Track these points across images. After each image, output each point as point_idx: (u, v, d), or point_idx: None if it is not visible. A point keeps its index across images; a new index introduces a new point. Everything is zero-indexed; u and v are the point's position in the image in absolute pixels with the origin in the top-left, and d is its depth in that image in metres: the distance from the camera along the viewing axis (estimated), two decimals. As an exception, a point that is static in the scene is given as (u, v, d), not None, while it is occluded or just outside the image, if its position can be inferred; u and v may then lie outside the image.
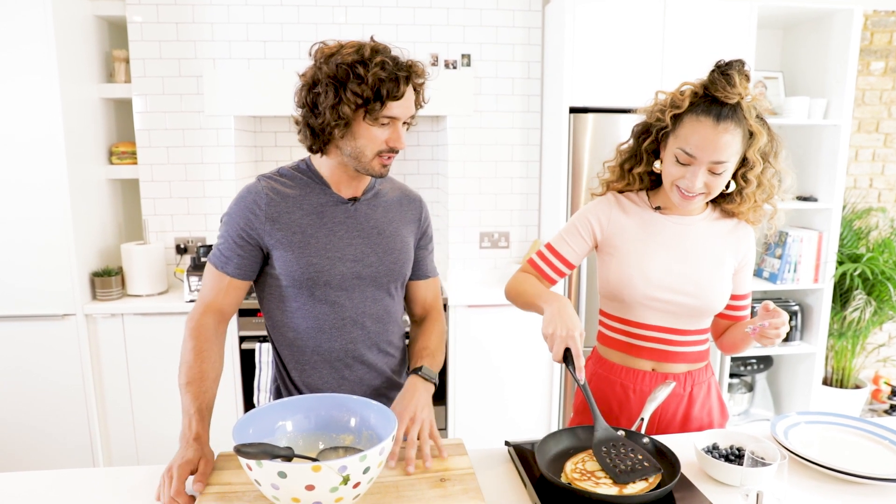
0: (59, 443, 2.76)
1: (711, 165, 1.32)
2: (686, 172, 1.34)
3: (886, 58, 3.42)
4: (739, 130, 1.30)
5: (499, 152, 3.17)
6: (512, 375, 2.97)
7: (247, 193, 1.35)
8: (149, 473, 1.23)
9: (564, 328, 1.25)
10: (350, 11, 2.99)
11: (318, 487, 0.94)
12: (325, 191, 1.38)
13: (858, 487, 1.20)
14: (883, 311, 3.19)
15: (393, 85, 1.24)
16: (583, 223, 1.51)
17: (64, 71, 2.56)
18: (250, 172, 3.16)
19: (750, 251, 1.49)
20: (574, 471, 1.17)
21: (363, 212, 1.41)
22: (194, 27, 2.91)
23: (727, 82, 1.30)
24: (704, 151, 1.30)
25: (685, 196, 1.37)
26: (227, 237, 1.34)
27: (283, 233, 1.33)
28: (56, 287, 2.65)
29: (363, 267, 1.38)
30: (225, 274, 1.35)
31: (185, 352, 1.30)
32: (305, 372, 1.42)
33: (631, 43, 2.81)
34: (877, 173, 3.53)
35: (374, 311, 1.42)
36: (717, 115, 1.29)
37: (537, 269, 1.53)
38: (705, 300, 1.43)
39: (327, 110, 1.25)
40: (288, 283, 1.36)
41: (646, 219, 1.48)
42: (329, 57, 1.25)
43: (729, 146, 1.30)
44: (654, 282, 1.43)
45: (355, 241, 1.38)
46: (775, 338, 1.32)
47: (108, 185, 2.96)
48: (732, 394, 3.30)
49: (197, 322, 1.33)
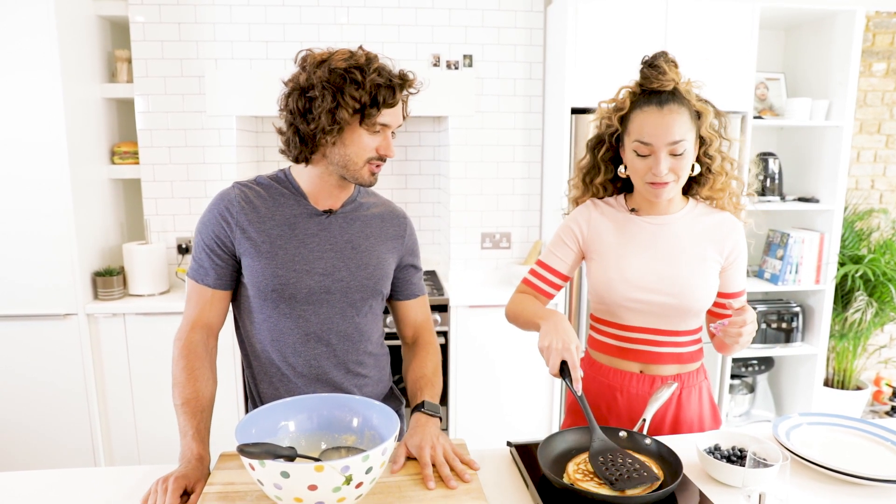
0: (61, 443, 2.76)
1: (670, 147, 1.35)
2: (649, 163, 1.38)
3: (888, 59, 3.42)
4: (684, 109, 1.36)
5: (500, 153, 3.18)
6: (513, 376, 2.97)
7: (219, 200, 1.33)
8: (150, 473, 1.23)
9: (560, 341, 1.26)
10: (352, 12, 2.99)
11: (320, 487, 0.94)
12: (301, 202, 1.36)
13: (860, 489, 1.20)
14: (884, 312, 3.19)
15: (389, 92, 1.25)
16: (566, 232, 1.55)
17: (66, 70, 2.57)
18: (252, 173, 3.16)
19: (737, 247, 1.48)
20: (577, 471, 1.18)
21: (338, 225, 1.38)
22: (196, 27, 2.91)
23: (658, 72, 1.39)
24: (658, 136, 1.35)
25: (657, 185, 1.39)
26: (201, 246, 1.32)
27: (251, 242, 1.30)
28: (58, 286, 2.66)
29: (333, 281, 1.35)
30: (206, 286, 1.33)
31: (176, 372, 1.29)
32: (273, 385, 1.39)
33: (633, 44, 2.81)
34: (878, 174, 3.53)
35: (342, 328, 1.38)
36: (658, 101, 1.37)
37: (532, 286, 1.57)
38: (686, 299, 1.43)
39: (323, 115, 1.23)
40: (254, 294, 1.33)
41: (622, 221, 1.50)
42: (321, 62, 1.24)
43: (678, 125, 1.35)
44: (632, 283, 1.44)
45: (326, 254, 1.35)
46: (737, 337, 1.31)
47: (109, 184, 2.97)
48: (733, 395, 3.30)
49: (186, 341, 1.31)
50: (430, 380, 1.41)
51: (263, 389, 1.40)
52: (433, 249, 3.46)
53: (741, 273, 1.51)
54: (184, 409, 1.24)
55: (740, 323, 1.30)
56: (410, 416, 1.35)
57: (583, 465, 1.20)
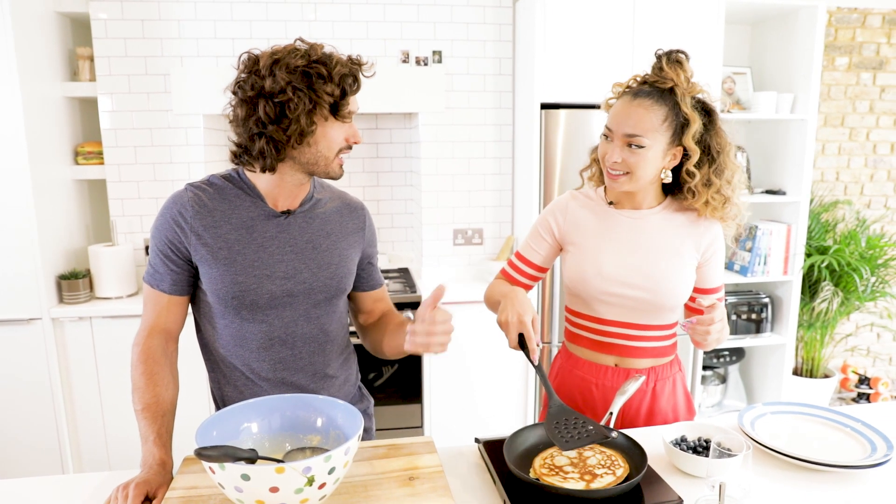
0: (28, 448, 2.69)
1: (626, 138, 1.35)
2: (607, 148, 1.39)
3: (850, 54, 3.48)
4: (661, 109, 1.34)
5: (471, 149, 3.17)
6: (487, 373, 2.97)
7: (172, 203, 1.28)
8: (112, 479, 1.21)
9: (515, 314, 1.28)
10: (319, 8, 2.96)
11: (282, 489, 0.93)
12: (257, 203, 1.31)
13: (820, 475, 1.23)
14: (850, 301, 3.26)
15: (352, 79, 1.23)
16: (543, 225, 1.55)
17: (24, 68, 2.50)
18: (220, 171, 3.12)
19: (715, 243, 1.47)
20: (542, 465, 1.18)
21: (297, 225, 1.33)
22: (160, 24, 2.86)
23: (657, 68, 1.38)
24: (618, 124, 1.36)
25: (609, 174, 1.40)
26: (156, 251, 1.28)
27: (207, 248, 1.26)
28: (21, 291, 2.59)
29: (295, 284, 1.32)
30: (162, 292, 1.29)
31: (135, 377, 1.25)
32: (237, 389, 1.36)
33: (601, 39, 2.83)
34: (843, 167, 3.60)
35: (307, 330, 1.36)
36: (635, 93, 1.37)
37: (509, 277, 1.58)
38: (660, 294, 1.43)
39: (301, 116, 1.18)
40: (214, 301, 1.30)
41: (600, 214, 1.50)
42: (274, 63, 1.18)
43: (642, 120, 1.33)
44: (606, 276, 1.44)
45: (287, 256, 1.31)
46: (705, 336, 1.31)
47: (73, 185, 2.90)
48: (706, 386, 3.35)
49: (143, 346, 1.27)
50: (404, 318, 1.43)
51: (228, 394, 1.38)
52: (405, 247, 3.45)
53: (718, 269, 1.50)
54: (144, 414, 1.22)
55: (708, 321, 1.30)
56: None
57: (549, 459, 1.20)
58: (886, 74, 3.52)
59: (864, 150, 3.59)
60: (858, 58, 3.49)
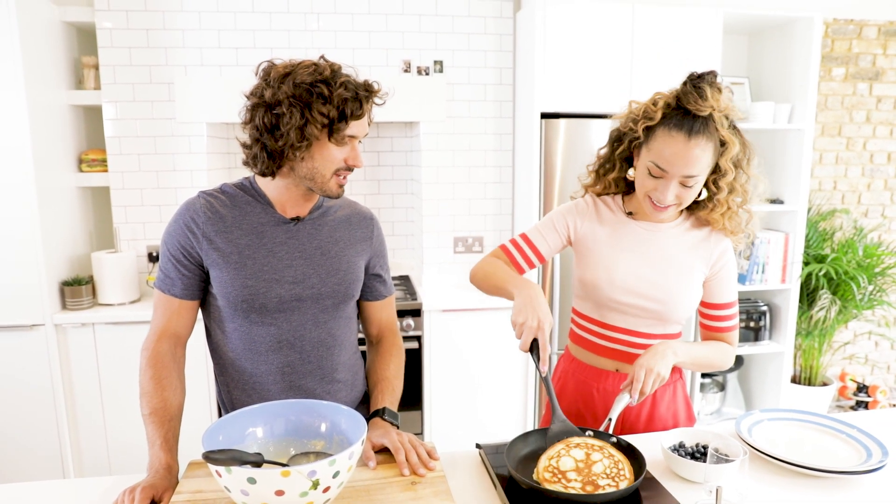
0: (30, 453, 2.71)
1: (683, 179, 1.33)
2: (658, 185, 1.35)
3: (847, 64, 3.52)
4: (711, 144, 1.32)
5: (472, 158, 3.20)
6: (487, 379, 2.99)
7: (185, 210, 1.31)
8: (118, 483, 1.22)
9: (535, 319, 1.25)
10: (322, 18, 3.00)
11: (287, 493, 0.95)
12: (267, 210, 1.34)
13: (816, 481, 1.24)
14: (847, 309, 3.28)
15: (356, 104, 1.24)
16: (559, 220, 1.53)
17: (30, 76, 2.53)
18: (223, 180, 3.14)
19: (724, 258, 1.47)
20: (547, 469, 1.19)
21: (306, 231, 1.37)
22: (165, 34, 2.89)
23: (699, 95, 1.31)
24: (676, 166, 1.31)
25: (657, 207, 1.38)
26: (168, 256, 1.31)
27: (219, 253, 1.29)
28: (24, 297, 2.61)
29: (304, 289, 1.34)
30: (173, 297, 1.32)
31: (143, 381, 1.28)
32: (246, 392, 1.38)
33: (601, 49, 2.86)
34: (840, 176, 3.63)
35: (315, 334, 1.38)
36: (689, 130, 1.30)
37: (509, 255, 1.52)
38: (669, 306, 1.45)
39: (292, 131, 1.21)
40: (224, 304, 1.33)
41: (618, 223, 1.50)
42: (285, 76, 1.22)
43: (699, 160, 1.31)
44: (619, 285, 1.45)
45: (296, 262, 1.34)
46: (639, 395, 1.33)
47: (77, 192, 2.93)
48: (705, 393, 3.36)
49: (153, 350, 1.30)
50: (391, 383, 1.43)
51: (237, 397, 1.40)
52: (406, 254, 3.47)
53: (729, 285, 1.49)
54: (151, 418, 1.24)
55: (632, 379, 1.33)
56: (369, 418, 1.35)
57: (554, 460, 1.22)
58: (883, 85, 3.56)
59: (861, 159, 3.62)
60: (855, 68, 3.52)
